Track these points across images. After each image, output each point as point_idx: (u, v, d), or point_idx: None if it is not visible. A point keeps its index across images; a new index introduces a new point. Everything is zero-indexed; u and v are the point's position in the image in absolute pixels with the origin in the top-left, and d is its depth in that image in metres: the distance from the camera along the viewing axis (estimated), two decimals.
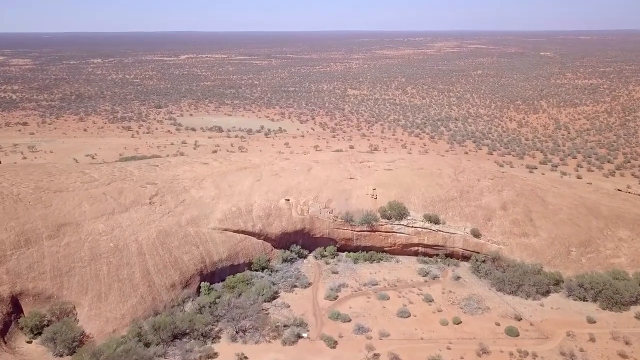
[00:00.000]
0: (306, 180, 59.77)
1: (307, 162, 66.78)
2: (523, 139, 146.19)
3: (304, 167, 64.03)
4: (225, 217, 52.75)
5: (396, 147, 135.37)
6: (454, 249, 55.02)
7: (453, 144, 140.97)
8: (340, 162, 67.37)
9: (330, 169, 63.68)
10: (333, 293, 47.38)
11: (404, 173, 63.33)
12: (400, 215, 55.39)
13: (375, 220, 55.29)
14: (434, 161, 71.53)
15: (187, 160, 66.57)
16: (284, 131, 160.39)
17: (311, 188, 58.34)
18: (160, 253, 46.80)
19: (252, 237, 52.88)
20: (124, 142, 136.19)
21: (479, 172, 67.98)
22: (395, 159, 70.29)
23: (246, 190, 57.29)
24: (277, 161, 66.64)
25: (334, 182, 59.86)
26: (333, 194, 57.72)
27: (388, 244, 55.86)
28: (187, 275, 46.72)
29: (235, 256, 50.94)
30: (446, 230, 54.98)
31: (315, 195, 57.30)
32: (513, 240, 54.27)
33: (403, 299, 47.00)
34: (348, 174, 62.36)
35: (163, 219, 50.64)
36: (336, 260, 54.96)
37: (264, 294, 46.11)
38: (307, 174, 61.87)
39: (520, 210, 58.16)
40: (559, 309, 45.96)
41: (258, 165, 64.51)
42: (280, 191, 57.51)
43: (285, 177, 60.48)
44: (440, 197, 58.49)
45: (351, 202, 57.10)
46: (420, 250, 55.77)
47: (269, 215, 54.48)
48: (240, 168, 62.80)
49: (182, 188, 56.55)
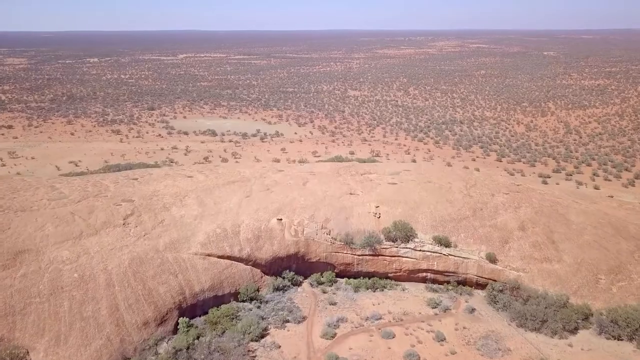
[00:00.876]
0: (301, 197, 54.17)
1: (303, 174, 61.20)
2: (533, 144, 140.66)
3: (299, 181, 58.46)
4: (209, 240, 47.15)
5: (399, 153, 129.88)
6: (467, 275, 49.41)
7: (459, 149, 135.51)
8: (340, 175, 61.77)
9: (328, 183, 58.10)
10: (330, 330, 41.76)
11: (410, 188, 57.73)
12: (406, 237, 49.80)
13: (379, 242, 49.72)
14: (443, 173, 65.91)
15: (170, 172, 60.98)
16: (281, 135, 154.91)
17: (307, 205, 52.73)
18: (133, 284, 41.19)
19: (239, 263, 47.30)
20: (112, 147, 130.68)
21: (492, 185, 62.41)
22: (400, 171, 64.70)
23: (234, 208, 51.70)
24: (270, 173, 61.05)
25: (332, 199, 54.25)
26: (331, 213, 52.11)
27: (393, 269, 50.27)
28: (163, 310, 41.10)
29: (220, 285, 45.34)
30: (458, 255, 49.39)
31: (311, 213, 51.69)
32: (534, 266, 48.67)
33: (411, 337, 41.40)
34: (348, 189, 56.77)
35: (138, 243, 45.03)
36: (334, 288, 49.35)
37: (251, 332, 40.54)
38: (302, 188, 56.28)
39: (540, 231, 52.56)
40: (590, 350, 40.35)
41: (248, 178, 58.93)
42: (272, 209, 51.91)
43: (277, 193, 54.88)
44: (451, 216, 52.90)
45: (351, 222, 51.49)
46: (429, 277, 50.17)
47: (258, 238, 48.87)
48: (228, 182, 57.21)
49: (162, 206, 50.98)
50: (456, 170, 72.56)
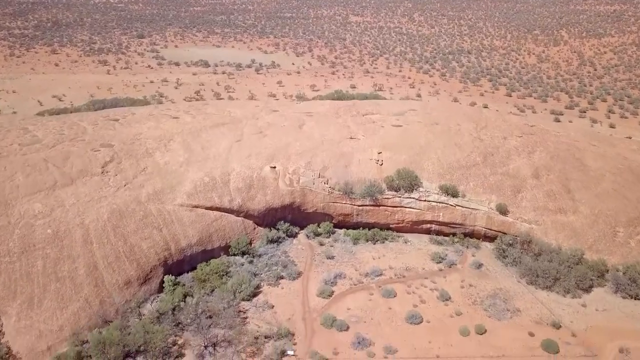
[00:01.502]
0: (297, 141, 49.97)
1: (299, 115, 56.58)
2: (545, 77, 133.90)
3: (295, 123, 53.99)
4: (196, 190, 43.58)
5: (403, 86, 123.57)
6: (474, 227, 46.39)
7: (467, 82, 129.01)
8: (339, 116, 57.16)
9: (326, 126, 53.67)
10: (327, 288, 39.27)
11: (415, 130, 53.38)
12: (410, 187, 46.22)
13: (381, 192, 46.20)
14: (451, 112, 61.19)
15: (155, 112, 56.31)
16: (278, 66, 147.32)
17: (303, 151, 48.68)
18: (112, 240, 38.10)
19: (230, 215, 44.05)
20: (98, 79, 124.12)
21: (505, 127, 57.99)
22: (405, 110, 59.97)
23: (223, 154, 47.71)
24: (263, 114, 56.41)
25: (331, 144, 50.09)
26: (329, 160, 48.17)
27: (395, 220, 47.17)
28: (147, 267, 38.34)
29: (209, 239, 42.36)
30: (466, 206, 46.08)
31: (308, 160, 47.77)
32: (548, 217, 45.50)
33: (413, 295, 38.99)
34: (348, 132, 52.45)
35: (118, 194, 41.49)
36: (332, 239, 46.51)
37: (242, 291, 38.03)
38: (298, 132, 51.95)
39: (555, 179, 48.92)
40: (605, 310, 38.05)
41: (239, 120, 54.39)
42: (265, 156, 47.92)
43: (271, 137, 50.62)
44: (460, 163, 49.01)
45: (351, 170, 47.69)
46: (434, 229, 47.20)
47: (250, 187, 45.28)
48: (217, 124, 52.76)
49: (145, 151, 46.97)
50: (466, 109, 67.70)
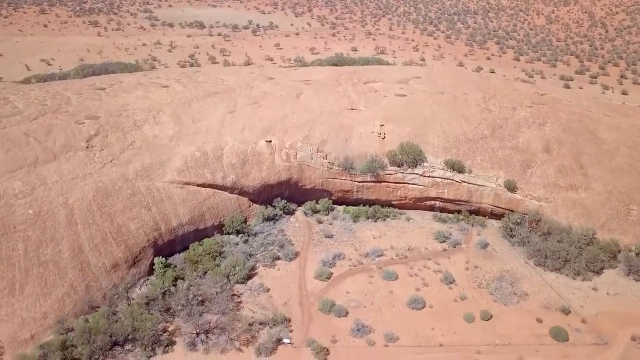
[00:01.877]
0: (294, 113, 47.39)
1: (297, 83, 53.70)
2: (554, 40, 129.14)
3: (292, 92, 51.22)
4: (187, 165, 41.41)
5: (407, 49, 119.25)
6: (481, 205, 44.47)
7: (472, 45, 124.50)
8: (339, 84, 54.28)
9: (325, 95, 50.91)
10: (326, 270, 37.70)
11: (420, 100, 50.67)
12: (414, 162, 44.01)
13: (382, 168, 44.04)
14: (458, 80, 58.21)
15: (143, 81, 53.41)
16: (276, 27, 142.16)
17: (300, 124, 46.19)
18: (98, 221, 36.24)
19: (223, 192, 42.06)
20: (89, 41, 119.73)
21: (514, 96, 55.20)
22: (410, 78, 57.01)
23: (215, 127, 45.27)
24: (258, 82, 53.51)
25: (330, 115, 47.53)
26: (329, 133, 45.75)
27: (397, 197, 45.20)
28: (135, 249, 36.66)
29: (201, 218, 40.52)
30: (473, 182, 43.99)
31: (306, 134, 45.36)
32: (558, 194, 43.49)
33: (416, 278, 37.46)
34: (349, 103, 49.76)
35: (104, 171, 39.36)
36: (331, 217, 44.69)
37: (236, 274, 36.45)
38: (295, 102, 49.27)
39: (567, 153, 46.65)
40: (617, 294, 36.60)
41: (233, 88, 51.58)
42: (260, 128, 45.47)
43: (267, 108, 48.00)
44: (467, 136, 46.61)
45: (352, 144, 45.35)
46: (438, 205, 45.31)
47: (244, 163, 43.08)
48: (209, 93, 50.02)
49: (133, 124, 44.53)
50: (473, 76, 64.59)
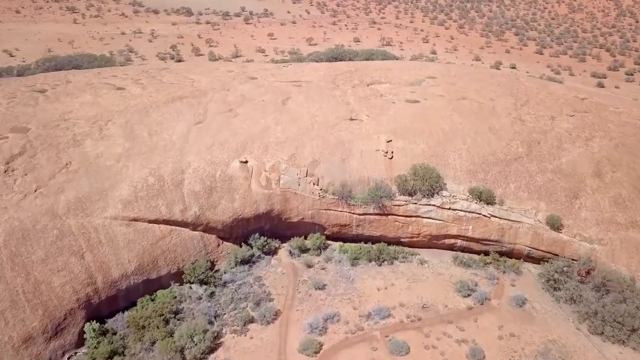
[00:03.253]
0: (278, 125, 38.70)
1: (284, 85, 45.03)
2: (580, 31, 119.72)
3: (278, 97, 42.53)
4: (136, 195, 32.84)
5: (415, 40, 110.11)
6: (515, 246, 35.84)
7: (489, 36, 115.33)
8: (337, 86, 45.58)
9: (319, 101, 42.23)
10: (314, 340, 29.27)
11: (437, 108, 41.92)
12: (431, 190, 35.35)
13: (390, 197, 35.42)
14: (482, 81, 49.44)
15: (95, 80, 44.73)
16: (271, 15, 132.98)
17: (286, 139, 37.52)
18: (8, 276, 27.85)
19: (184, 229, 33.55)
20: (62, 30, 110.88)
21: (551, 101, 46.42)
22: (422, 79, 48.26)
23: (177, 143, 36.64)
24: (236, 83, 44.84)
25: (325, 128, 38.84)
26: (321, 151, 37.08)
27: (408, 234, 36.59)
28: (58, 313, 28.26)
29: (153, 265, 32.04)
30: (506, 217, 35.34)
31: (292, 152, 36.71)
32: (615, 234, 34.87)
33: (433, 351, 29.06)
34: (347, 111, 41.07)
35: (24, 205, 30.86)
36: (324, 258, 36.19)
37: (193, 347, 27.98)
38: (280, 110, 40.58)
39: (624, 178, 37.95)
40: None
41: (204, 91, 42.89)
42: (234, 145, 36.83)
43: (244, 117, 39.34)
44: (497, 155, 37.92)
45: (350, 165, 36.68)
46: (459, 245, 36.70)
47: (211, 191, 34.49)
48: (173, 98, 41.33)
49: (71, 138, 35.95)
50: (498, 76, 55.71)
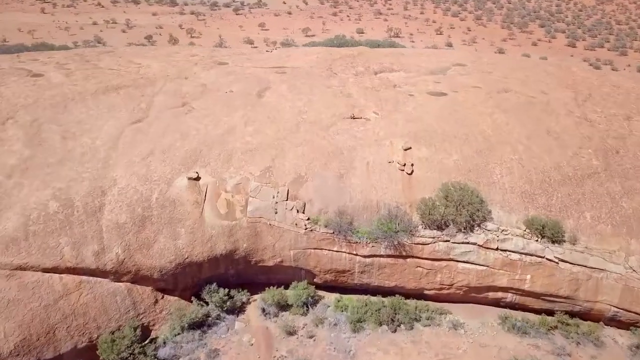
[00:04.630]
0: (248, 124, 28.23)
1: (263, 72, 34.57)
2: (614, 22, 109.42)
3: (252, 87, 32.05)
4: (25, 230, 22.40)
5: (427, 32, 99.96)
6: (594, 305, 25.17)
7: (511, 28, 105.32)
8: (334, 73, 35.16)
9: (308, 93, 31.75)
10: None
11: (472, 103, 31.41)
12: (470, 221, 24.79)
13: (410, 230, 24.84)
14: (525, 70, 38.93)
15: (5, 66, 34.43)
16: (264, 5, 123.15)
17: (258, 146, 27.01)
18: None
19: (100, 280, 23.01)
20: (28, 20, 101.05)
21: (619, 96, 35.93)
22: (448, 66, 37.90)
23: (101, 150, 26.13)
24: (198, 70, 34.42)
25: (315, 130, 28.33)
26: (310, 163, 26.54)
27: (436, 284, 25.96)
28: None
29: (48, 338, 21.56)
30: (581, 263, 24.64)
31: (267, 165, 26.19)
32: None
33: None
34: (348, 106, 30.60)
35: None
36: (312, 320, 25.61)
37: None
38: (254, 105, 30.08)
39: None
40: None
41: (152, 80, 32.45)
42: (182, 154, 26.31)
43: (201, 115, 28.86)
44: (563, 171, 27.32)
45: (352, 184, 26.10)
46: (510, 300, 25.95)
47: (144, 222, 23.97)
48: (106, 88, 30.88)
49: None
50: (543, 64, 45.26)
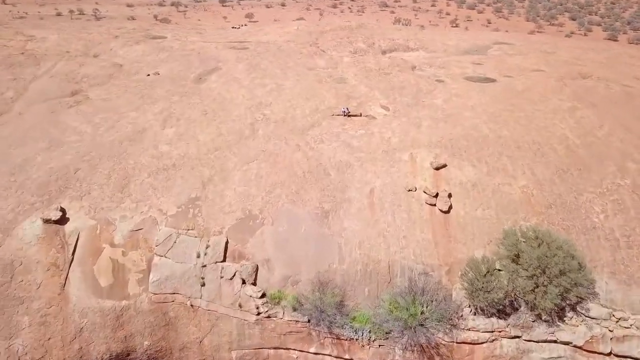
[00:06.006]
0: (168, 125, 17.40)
1: (213, 48, 23.70)
2: None
3: (190, 69, 21.24)
4: None
5: (441, 25, 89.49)
6: None
7: (537, 21, 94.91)
8: (319, 50, 24.33)
9: (277, 76, 20.80)
10: None
11: (539, 95, 20.50)
12: (558, 303, 13.44)
13: (446, 317, 13.61)
14: (597, 53, 28.03)
15: None
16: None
17: (178, 160, 16.00)
18: None
19: None
20: None
21: None
22: (489, 44, 27.13)
23: None
24: (116, 45, 23.50)
25: (280, 134, 17.37)
26: (268, 191, 15.45)
27: None
28: None
29: None
30: None
31: (192, 196, 15.18)
32: None
33: None
34: (338, 96, 19.64)
35: None
36: None
37: None
38: (186, 94, 19.28)
39: None
40: None
41: (39, 57, 21.65)
42: (44, 175, 15.51)
43: (95, 107, 18.04)
44: None
45: (342, 232, 15.11)
46: None
47: None
48: None
49: None
50: (615, 45, 34.46)
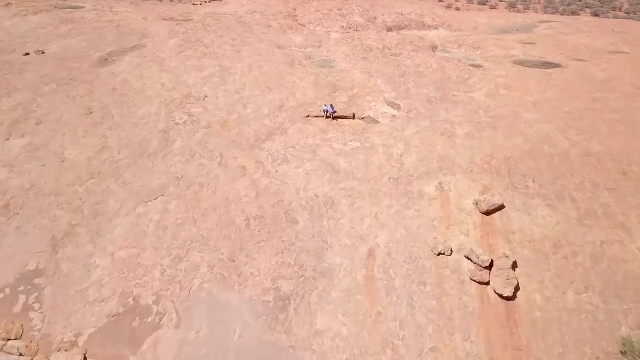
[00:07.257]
0: None
1: (140, 18, 17.71)
2: None
3: (100, 42, 14.68)
4: None
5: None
6: None
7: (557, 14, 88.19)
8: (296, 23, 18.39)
9: (225, 55, 14.72)
10: None
11: (633, 85, 13.11)
12: None
13: None
14: None
15: None
16: None
17: None
18: None
19: None
20: None
21: None
22: (533, 23, 21.12)
23: None
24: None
25: (212, 147, 10.70)
26: (193, 267, 8.63)
27: None
28: None
29: None
30: None
31: None
32: None
33: None
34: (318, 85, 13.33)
35: None
36: None
37: None
38: (69, 82, 12.27)
39: None
40: None
41: None
42: None
43: None
44: None
45: (313, 340, 7.93)
46: None
47: None
48: None
49: None
50: None
